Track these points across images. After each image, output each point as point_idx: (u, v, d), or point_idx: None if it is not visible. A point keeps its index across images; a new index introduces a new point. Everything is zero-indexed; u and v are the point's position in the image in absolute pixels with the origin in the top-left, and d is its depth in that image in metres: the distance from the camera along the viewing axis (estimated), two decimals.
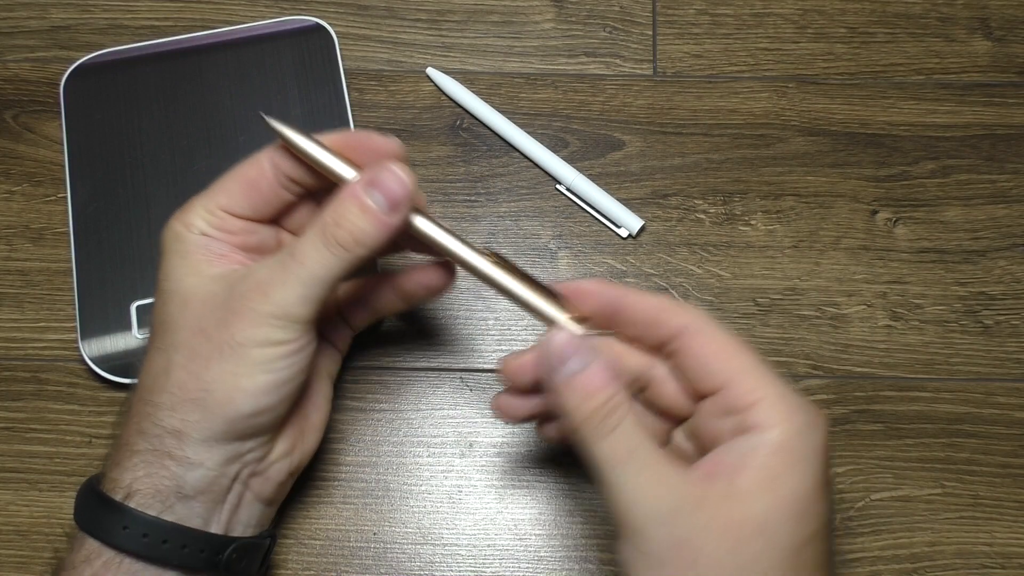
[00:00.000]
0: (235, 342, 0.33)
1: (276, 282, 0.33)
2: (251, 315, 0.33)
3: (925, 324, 0.46)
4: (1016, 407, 0.45)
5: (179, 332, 0.34)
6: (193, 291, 0.34)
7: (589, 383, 0.32)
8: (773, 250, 0.47)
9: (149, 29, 0.51)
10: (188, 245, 0.35)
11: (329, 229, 0.33)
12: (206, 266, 0.35)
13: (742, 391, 0.32)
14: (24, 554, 0.42)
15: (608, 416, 0.32)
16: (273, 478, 0.37)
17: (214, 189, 0.36)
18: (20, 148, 0.49)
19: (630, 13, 0.52)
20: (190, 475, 0.34)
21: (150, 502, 0.33)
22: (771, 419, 0.31)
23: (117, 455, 0.35)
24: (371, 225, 0.33)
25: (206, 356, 0.33)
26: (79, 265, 0.46)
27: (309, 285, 0.33)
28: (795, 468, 0.31)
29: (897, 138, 0.49)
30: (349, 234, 0.33)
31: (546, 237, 0.48)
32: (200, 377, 0.33)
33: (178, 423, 0.34)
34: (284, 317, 0.33)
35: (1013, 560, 0.42)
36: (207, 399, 0.33)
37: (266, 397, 0.34)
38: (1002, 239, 0.48)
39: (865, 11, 0.52)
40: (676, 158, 0.49)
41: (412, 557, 0.43)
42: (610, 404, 0.32)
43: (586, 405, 0.32)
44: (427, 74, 0.51)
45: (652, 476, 0.31)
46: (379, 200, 0.34)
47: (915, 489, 0.43)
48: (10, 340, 0.46)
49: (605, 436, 0.31)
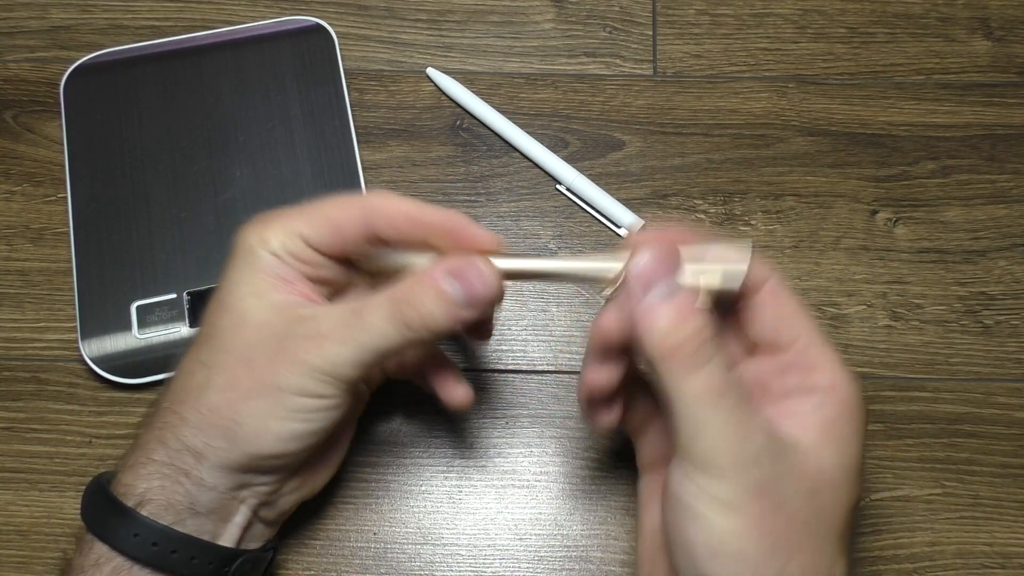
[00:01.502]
0: (277, 385, 0.33)
1: (334, 339, 0.33)
2: (300, 364, 0.33)
3: (925, 324, 0.46)
4: (1016, 407, 0.45)
5: (225, 354, 0.34)
6: (250, 314, 0.34)
7: (678, 310, 0.30)
8: (773, 250, 0.47)
9: (149, 29, 0.51)
10: (258, 262, 0.34)
11: (400, 306, 0.32)
12: (269, 289, 0.34)
13: (811, 353, 0.33)
14: (24, 554, 0.42)
15: (699, 349, 0.30)
16: (280, 507, 0.37)
17: (298, 215, 0.35)
18: (20, 148, 0.49)
19: (630, 13, 0.52)
20: (203, 496, 0.34)
21: (162, 513, 0.33)
22: (837, 384, 0.32)
23: (134, 457, 0.34)
24: (443, 314, 0.32)
25: (245, 388, 0.33)
26: (79, 265, 0.46)
27: (366, 352, 0.33)
28: (856, 433, 0.32)
29: (897, 138, 0.49)
30: (419, 316, 0.32)
31: (546, 237, 0.48)
32: (234, 407, 0.33)
33: (201, 445, 0.33)
34: (331, 374, 0.33)
35: (1013, 560, 0.42)
36: (235, 431, 0.33)
37: (293, 443, 0.34)
38: (1002, 239, 0.48)
39: (865, 11, 0.52)
40: (676, 158, 0.49)
41: (412, 557, 0.43)
42: (701, 336, 0.30)
43: (676, 334, 0.30)
44: (427, 74, 0.51)
45: (741, 418, 0.30)
46: (457, 291, 0.32)
47: (915, 489, 0.43)
48: (10, 340, 0.46)
49: (696, 370, 0.30)
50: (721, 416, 0.30)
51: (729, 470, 0.29)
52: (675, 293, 0.30)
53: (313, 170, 0.48)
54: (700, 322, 0.30)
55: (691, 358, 0.30)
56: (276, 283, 0.34)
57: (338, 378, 0.33)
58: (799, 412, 0.32)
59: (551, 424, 0.44)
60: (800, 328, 0.33)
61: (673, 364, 0.30)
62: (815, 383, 0.32)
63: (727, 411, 0.30)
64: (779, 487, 0.30)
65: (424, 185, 0.49)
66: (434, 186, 0.49)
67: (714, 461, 0.29)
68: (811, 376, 0.32)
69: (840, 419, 0.32)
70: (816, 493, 0.30)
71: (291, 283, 0.35)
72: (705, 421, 0.30)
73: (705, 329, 0.30)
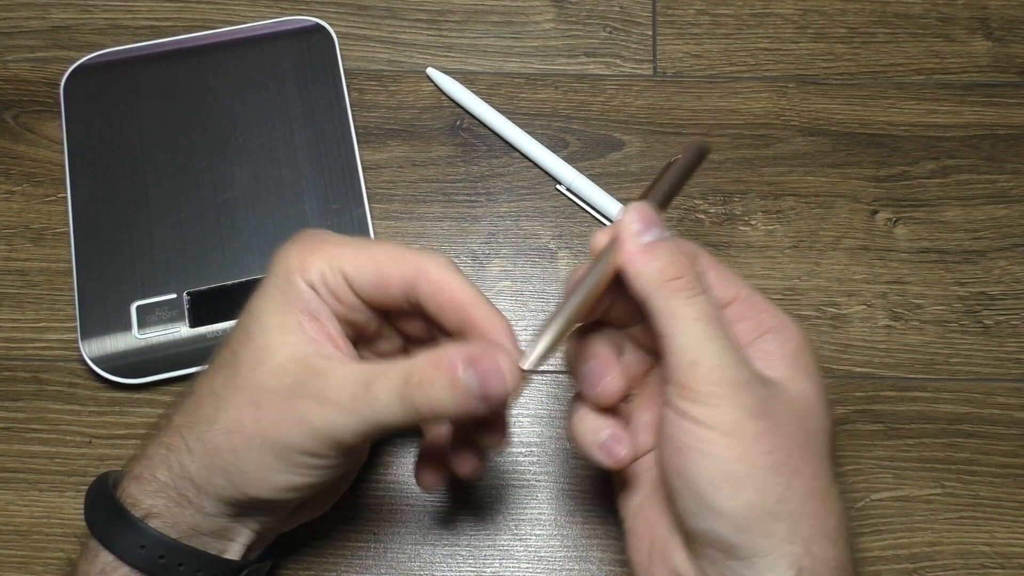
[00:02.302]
0: (280, 443, 0.32)
1: (340, 408, 0.32)
2: (304, 425, 0.32)
3: (925, 324, 0.46)
4: (1016, 407, 0.45)
5: (238, 390, 0.33)
6: (269, 351, 0.33)
7: (674, 247, 0.32)
8: (773, 250, 0.47)
9: (149, 29, 0.51)
10: (291, 290, 0.33)
11: (411, 388, 0.31)
12: (295, 327, 0.33)
13: (754, 302, 0.35)
14: (24, 554, 0.42)
15: (695, 280, 0.32)
16: (285, 528, 0.38)
17: (346, 247, 0.34)
18: (20, 148, 0.49)
19: (630, 13, 0.52)
20: (205, 522, 0.34)
21: (168, 529, 0.33)
22: (786, 324, 0.34)
23: (139, 468, 0.34)
24: (453, 403, 0.31)
25: (249, 436, 0.32)
26: (79, 265, 0.46)
27: (369, 426, 0.32)
28: (816, 364, 0.34)
29: (897, 138, 0.49)
30: (428, 401, 0.31)
31: (546, 237, 0.48)
32: (236, 453, 0.33)
33: (203, 480, 0.33)
34: (333, 439, 0.32)
35: (1013, 560, 0.42)
36: (236, 476, 0.33)
37: (291, 493, 0.34)
38: (1002, 239, 0.48)
39: (865, 11, 0.52)
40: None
41: (412, 557, 0.43)
42: (694, 271, 0.32)
43: (674, 266, 0.32)
44: (427, 74, 0.51)
45: (733, 346, 0.31)
46: (472, 383, 0.31)
47: (915, 489, 0.43)
48: (10, 340, 0.46)
49: (693, 297, 0.32)
50: (718, 340, 0.31)
51: (727, 395, 0.30)
52: (665, 238, 0.33)
53: (313, 170, 0.48)
54: (691, 260, 0.33)
55: (689, 287, 0.32)
56: (304, 320, 0.33)
57: (339, 443, 0.32)
58: (764, 350, 0.33)
59: (551, 424, 0.44)
60: (737, 284, 0.35)
61: (672, 292, 0.32)
62: (768, 325, 0.34)
63: (722, 337, 0.31)
64: (773, 410, 0.31)
65: (424, 185, 0.49)
66: (434, 186, 0.49)
67: (713, 386, 0.31)
68: (761, 320, 0.34)
69: (801, 352, 0.33)
70: (803, 418, 0.32)
71: (320, 321, 0.33)
72: (704, 345, 0.31)
73: (696, 266, 0.33)
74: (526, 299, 0.47)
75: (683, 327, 0.31)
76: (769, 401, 0.31)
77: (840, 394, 0.45)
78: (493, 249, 0.48)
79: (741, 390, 0.31)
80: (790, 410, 0.32)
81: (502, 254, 0.48)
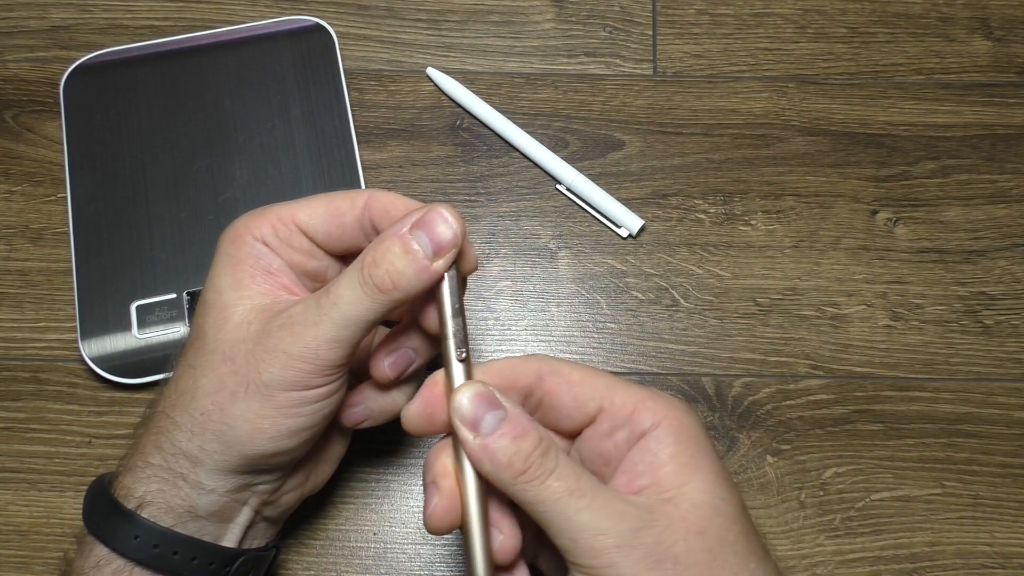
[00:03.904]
0: (262, 382, 0.32)
1: (308, 322, 0.32)
2: (281, 356, 0.32)
3: (925, 324, 0.46)
4: (1016, 407, 0.45)
5: (210, 354, 0.33)
6: (230, 310, 0.33)
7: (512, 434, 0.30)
8: (773, 250, 0.47)
9: (149, 29, 0.51)
10: (242, 251, 0.34)
11: (367, 269, 0.32)
12: (249, 282, 0.34)
13: (619, 404, 0.32)
14: (24, 554, 0.42)
15: (544, 457, 0.30)
16: (283, 505, 0.37)
17: (297, 203, 0.35)
18: (20, 148, 0.49)
19: (630, 13, 0.52)
20: (202, 499, 0.34)
21: (162, 516, 0.33)
22: (657, 416, 0.32)
23: (132, 460, 0.34)
24: (411, 269, 0.31)
25: (232, 390, 0.33)
26: (79, 265, 0.46)
27: (341, 327, 0.32)
28: (703, 448, 0.32)
29: (897, 138, 0.49)
30: (387, 275, 0.31)
31: (546, 237, 0.48)
32: (223, 411, 0.33)
33: (195, 449, 0.33)
34: (313, 360, 0.32)
35: (1013, 560, 0.42)
36: (227, 433, 0.33)
37: (287, 441, 0.33)
38: (1002, 239, 0.48)
39: (865, 11, 0.52)
40: (676, 158, 0.49)
41: (412, 557, 0.43)
42: (542, 446, 0.30)
43: (519, 456, 0.30)
44: (427, 74, 0.51)
45: (606, 501, 0.30)
46: (424, 244, 0.32)
47: (915, 489, 0.43)
48: (10, 340, 0.46)
49: (548, 476, 0.30)
50: (585, 512, 0.29)
51: (618, 560, 0.29)
52: (503, 419, 0.31)
53: (313, 170, 0.48)
54: (536, 435, 0.30)
55: (539, 471, 0.30)
56: (256, 274, 0.34)
57: (320, 363, 0.32)
58: (643, 462, 0.31)
59: None
60: (596, 388, 0.33)
61: (524, 485, 0.30)
62: (640, 427, 0.32)
63: (589, 503, 0.30)
64: (669, 547, 0.29)
65: (424, 185, 0.49)
66: (434, 186, 0.49)
67: (600, 558, 0.29)
68: (633, 424, 0.32)
69: (681, 448, 0.31)
70: (705, 530, 0.30)
71: (273, 274, 0.34)
72: (573, 521, 0.29)
73: (543, 439, 0.30)
74: (526, 299, 0.47)
75: (548, 513, 0.30)
76: (662, 539, 0.29)
77: (840, 394, 0.45)
78: (493, 249, 0.48)
79: (629, 549, 0.29)
80: (687, 533, 0.30)
81: (502, 254, 0.48)
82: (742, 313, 0.46)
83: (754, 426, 0.44)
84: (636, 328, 0.46)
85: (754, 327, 0.46)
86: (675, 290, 0.47)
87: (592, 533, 0.29)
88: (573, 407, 0.33)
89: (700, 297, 0.47)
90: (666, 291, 0.47)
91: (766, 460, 0.44)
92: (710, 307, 0.46)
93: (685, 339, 0.46)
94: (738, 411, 0.45)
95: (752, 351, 0.46)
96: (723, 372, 0.45)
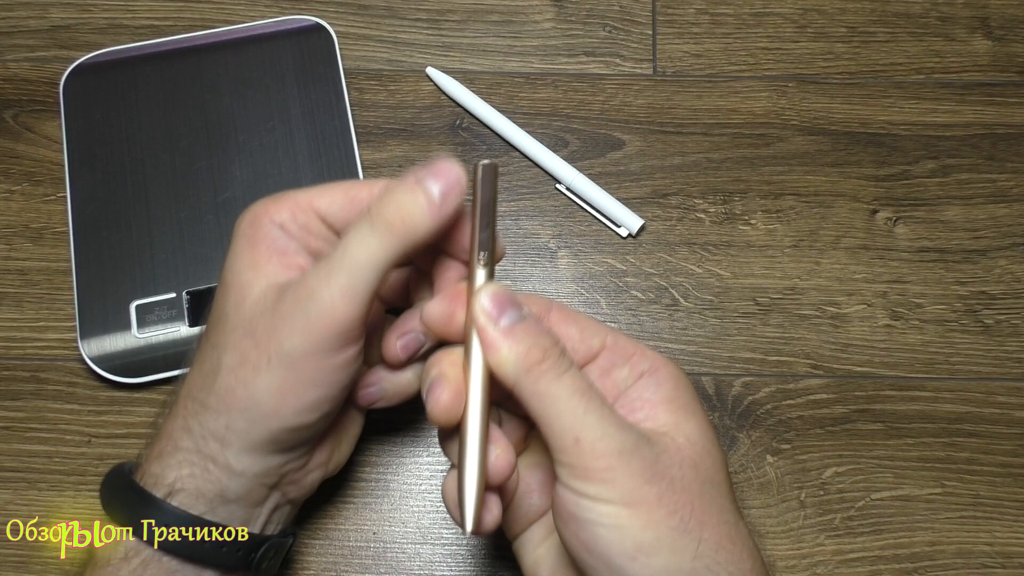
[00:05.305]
0: (283, 351, 0.32)
1: (321, 278, 0.32)
2: (299, 319, 0.32)
3: (925, 324, 0.46)
4: (1016, 407, 0.45)
5: (231, 332, 0.33)
6: (249, 287, 0.34)
7: (534, 327, 0.31)
8: (773, 249, 0.47)
9: (149, 29, 0.51)
10: (259, 233, 0.34)
11: (375, 210, 0.32)
12: (266, 262, 0.34)
13: (621, 346, 0.34)
14: (23, 553, 0.42)
15: (562, 355, 0.31)
16: (307, 485, 0.37)
17: (315, 189, 0.35)
18: (20, 148, 0.49)
19: (630, 13, 0.52)
20: (233, 483, 0.34)
21: (192, 503, 0.33)
22: (658, 364, 0.34)
23: (159, 446, 0.34)
24: (420, 205, 0.32)
25: (254, 364, 0.33)
26: (79, 265, 0.46)
27: (353, 274, 0.32)
28: (696, 401, 0.34)
29: (897, 137, 0.49)
30: (396, 213, 0.32)
31: (546, 237, 0.48)
32: (248, 386, 0.33)
33: (223, 429, 0.33)
34: (330, 317, 0.32)
35: (1013, 560, 0.42)
36: (253, 410, 0.33)
37: (311, 413, 0.33)
38: (1002, 238, 0.48)
39: (865, 10, 0.52)
40: (676, 157, 0.49)
41: (412, 557, 0.43)
42: (559, 347, 0.31)
43: (536, 348, 0.31)
44: (427, 74, 0.51)
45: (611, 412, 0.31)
46: (432, 186, 0.32)
47: (915, 489, 0.43)
48: (9, 340, 0.46)
49: (562, 374, 0.31)
50: (594, 412, 0.30)
51: (618, 465, 0.30)
52: (524, 317, 0.32)
53: (313, 170, 0.48)
54: (554, 336, 0.32)
55: (555, 366, 0.31)
56: (274, 255, 0.34)
57: (337, 320, 0.32)
58: (642, 398, 0.33)
59: None
60: (601, 330, 0.34)
61: (540, 374, 0.31)
62: (641, 368, 0.33)
63: (599, 407, 0.30)
64: (665, 467, 0.30)
65: None
66: None
67: (601, 459, 0.30)
68: (633, 364, 0.33)
69: (679, 392, 0.33)
70: (696, 464, 0.31)
71: (289, 255, 0.34)
72: (582, 420, 0.30)
73: (558, 343, 0.31)
74: None
75: (557, 407, 0.30)
76: (660, 459, 0.30)
77: (840, 394, 0.45)
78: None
79: (630, 456, 0.30)
80: (682, 461, 0.31)
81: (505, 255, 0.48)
82: (742, 313, 0.46)
83: (754, 425, 0.44)
84: (636, 328, 0.46)
85: (754, 327, 0.46)
86: (675, 290, 0.47)
87: (598, 435, 0.30)
88: (578, 339, 0.34)
89: (700, 297, 0.47)
90: (666, 291, 0.47)
91: (766, 460, 0.44)
92: (710, 307, 0.46)
93: (685, 339, 0.46)
94: (738, 411, 0.45)
95: (752, 350, 0.46)
96: (723, 372, 0.45)
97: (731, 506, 0.32)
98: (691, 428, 0.32)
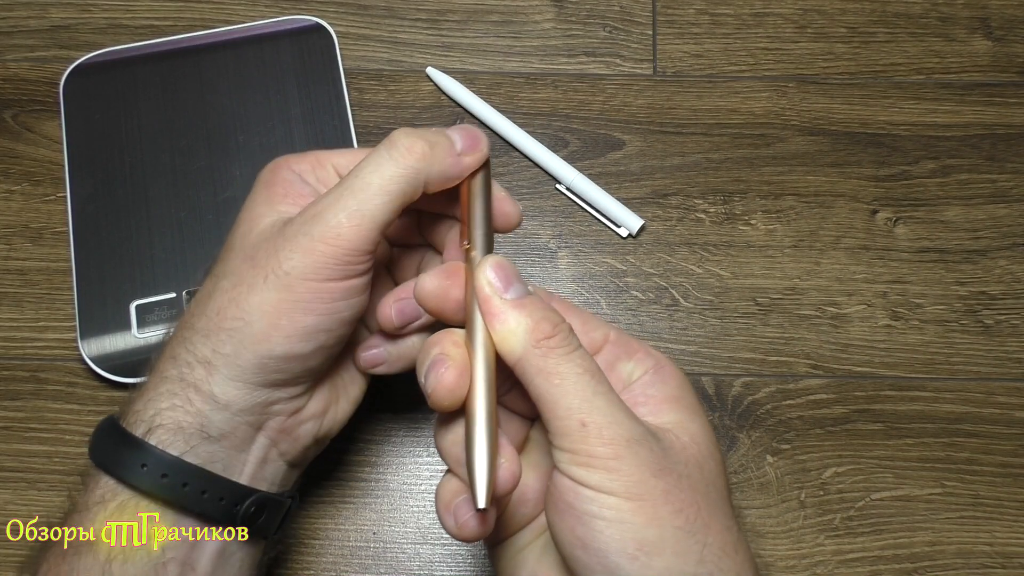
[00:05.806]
0: (281, 270, 0.31)
1: (332, 207, 0.31)
2: (302, 240, 0.31)
3: (925, 324, 0.46)
4: (1016, 407, 0.45)
5: (232, 260, 0.33)
6: (259, 220, 0.33)
7: (541, 303, 0.30)
8: (773, 250, 0.47)
9: (149, 29, 0.51)
10: (277, 177, 0.35)
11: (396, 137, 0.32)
12: (280, 200, 0.34)
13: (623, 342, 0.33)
14: (23, 553, 0.42)
15: (569, 335, 0.30)
16: (300, 439, 0.35)
17: (337, 150, 0.36)
18: (19, 148, 0.49)
19: (630, 13, 0.52)
20: (215, 416, 0.32)
21: (172, 439, 0.32)
22: (661, 362, 0.33)
23: (145, 383, 0.33)
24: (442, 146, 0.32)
25: (249, 282, 0.32)
26: (79, 265, 0.46)
27: (363, 198, 0.31)
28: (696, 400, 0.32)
29: (897, 138, 0.49)
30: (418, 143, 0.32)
31: (546, 237, 0.48)
32: (240, 304, 0.32)
33: (209, 352, 0.32)
34: (335, 240, 0.31)
35: (1013, 560, 0.42)
36: (242, 331, 0.32)
37: (302, 343, 0.32)
38: (1002, 239, 0.48)
39: (865, 11, 0.52)
40: (676, 158, 0.49)
41: (412, 557, 0.43)
42: (566, 325, 0.30)
43: (544, 324, 0.29)
44: (427, 74, 0.51)
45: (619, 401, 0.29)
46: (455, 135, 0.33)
47: (915, 489, 0.43)
48: (9, 339, 0.45)
49: (571, 353, 0.29)
50: (603, 396, 0.29)
51: (625, 454, 0.28)
52: (530, 292, 0.31)
53: None
54: (560, 315, 0.30)
55: (565, 342, 0.29)
56: (287, 195, 0.34)
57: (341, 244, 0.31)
58: (646, 394, 0.32)
59: None
60: (603, 325, 0.34)
61: (548, 349, 0.29)
62: (645, 365, 0.32)
63: (607, 391, 0.29)
64: (672, 463, 0.29)
65: None
66: None
67: (608, 446, 0.28)
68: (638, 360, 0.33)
69: (682, 392, 0.32)
70: (701, 465, 0.30)
71: (305, 198, 0.34)
72: (591, 402, 0.28)
73: (566, 321, 0.30)
74: None
75: (565, 386, 0.28)
76: (667, 454, 0.29)
77: (840, 394, 0.45)
78: None
79: (638, 446, 0.28)
80: (687, 460, 0.29)
81: (502, 253, 0.47)
82: (742, 313, 0.46)
83: (754, 426, 0.44)
84: (636, 328, 0.46)
85: (754, 327, 0.46)
86: (675, 290, 0.47)
87: (607, 420, 0.28)
88: (581, 332, 0.32)
89: (700, 297, 0.47)
90: (666, 291, 0.47)
91: (766, 460, 0.44)
92: (710, 307, 0.46)
93: (685, 339, 0.46)
94: (738, 411, 0.45)
95: (752, 351, 0.46)
96: (723, 372, 0.45)
97: (732, 513, 0.31)
98: (696, 428, 0.31)
